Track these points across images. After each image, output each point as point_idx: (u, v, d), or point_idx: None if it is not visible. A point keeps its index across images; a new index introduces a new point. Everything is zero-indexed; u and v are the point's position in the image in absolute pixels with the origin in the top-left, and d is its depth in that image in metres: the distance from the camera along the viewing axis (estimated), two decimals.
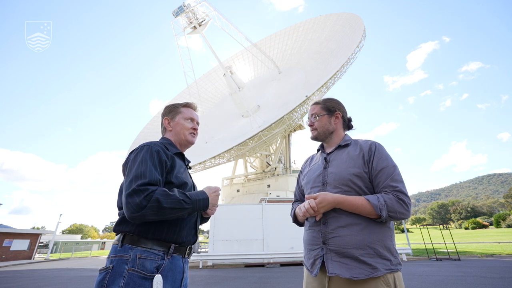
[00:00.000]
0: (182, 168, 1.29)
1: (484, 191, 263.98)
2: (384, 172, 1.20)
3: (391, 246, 1.15)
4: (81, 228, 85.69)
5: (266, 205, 14.17)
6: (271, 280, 7.43)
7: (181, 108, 1.46)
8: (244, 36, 22.39)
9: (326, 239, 1.17)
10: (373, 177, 1.22)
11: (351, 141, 1.39)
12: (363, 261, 1.08)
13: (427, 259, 13.70)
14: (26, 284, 8.16)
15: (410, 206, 1.14)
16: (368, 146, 1.29)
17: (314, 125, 1.45)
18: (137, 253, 1.04)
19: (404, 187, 1.17)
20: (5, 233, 22.63)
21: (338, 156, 1.34)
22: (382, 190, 1.18)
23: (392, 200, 1.12)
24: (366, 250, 1.10)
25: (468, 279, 6.61)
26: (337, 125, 1.44)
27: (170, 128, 1.42)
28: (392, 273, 1.10)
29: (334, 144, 1.42)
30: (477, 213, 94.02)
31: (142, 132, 27.16)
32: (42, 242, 36.30)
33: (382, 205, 1.11)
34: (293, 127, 23.73)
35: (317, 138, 1.47)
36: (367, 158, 1.25)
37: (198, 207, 1.15)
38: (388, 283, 1.07)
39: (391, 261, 1.11)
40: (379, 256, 1.10)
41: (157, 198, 1.01)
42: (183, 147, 1.45)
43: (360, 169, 1.23)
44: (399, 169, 1.23)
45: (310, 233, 1.27)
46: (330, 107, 1.45)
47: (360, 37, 17.75)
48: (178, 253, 1.15)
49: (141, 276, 1.00)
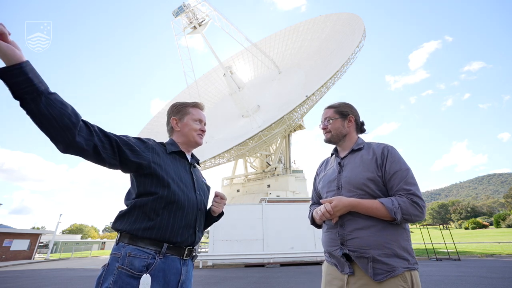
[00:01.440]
0: (177, 163, 1.28)
1: (484, 191, 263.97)
2: (398, 175, 1.22)
3: (407, 246, 1.18)
4: (81, 228, 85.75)
5: (266, 205, 14.17)
6: (271, 280, 7.43)
7: (189, 109, 1.44)
8: (244, 36, 22.41)
9: (344, 241, 1.21)
10: (387, 181, 1.24)
11: (364, 144, 1.41)
12: (381, 261, 1.11)
13: (427, 259, 13.71)
14: (26, 284, 8.16)
15: (424, 208, 1.16)
16: (381, 150, 1.31)
17: (328, 128, 1.48)
18: (127, 251, 1.03)
19: (418, 189, 1.19)
20: (5, 233, 22.63)
21: (352, 160, 1.37)
22: (396, 193, 1.20)
23: (406, 203, 1.14)
24: (384, 250, 1.13)
25: (468, 279, 6.61)
26: (350, 128, 1.47)
27: (178, 129, 1.40)
28: (410, 271, 1.12)
29: (347, 148, 1.45)
30: (477, 213, 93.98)
31: (142, 132, 27.17)
32: (42, 242, 36.30)
33: (396, 208, 1.13)
34: (293, 127, 23.74)
35: (331, 141, 1.50)
36: (380, 162, 1.27)
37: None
38: (406, 280, 1.10)
39: (408, 261, 1.14)
40: (396, 255, 1.13)
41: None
42: (190, 148, 1.45)
43: (374, 173, 1.25)
44: (412, 172, 1.25)
45: (328, 235, 1.31)
46: (343, 111, 1.48)
47: (360, 37, 17.77)
48: (174, 254, 1.12)
49: (128, 274, 0.98)
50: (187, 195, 1.21)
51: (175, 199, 1.15)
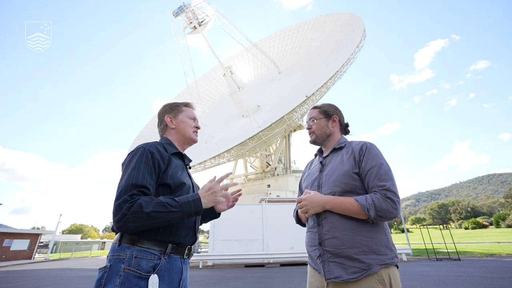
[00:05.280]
0: (179, 168, 1.28)
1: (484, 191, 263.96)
2: (373, 171, 1.20)
3: (385, 240, 1.17)
4: (81, 228, 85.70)
5: (266, 205, 14.17)
6: (271, 280, 7.43)
7: (183, 107, 1.46)
8: (244, 36, 22.41)
9: (322, 240, 1.21)
10: (363, 178, 1.23)
11: (346, 143, 1.42)
12: (357, 259, 1.10)
13: (427, 259, 13.71)
14: (26, 284, 8.16)
15: (398, 204, 1.13)
16: (359, 147, 1.31)
17: (312, 128, 1.50)
18: (133, 252, 1.04)
19: (393, 185, 1.16)
20: (5, 233, 22.61)
21: (333, 159, 1.38)
22: (371, 190, 1.18)
23: (379, 199, 1.12)
24: (360, 248, 1.12)
25: (468, 279, 6.61)
26: (334, 128, 1.49)
27: (173, 126, 1.40)
28: (387, 268, 1.11)
29: (330, 147, 1.46)
30: (477, 213, 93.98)
31: (142, 132, 27.15)
32: (42, 242, 36.30)
33: (370, 205, 1.12)
34: (293, 127, 23.75)
35: (316, 142, 1.51)
36: (357, 158, 1.27)
37: (189, 209, 1.08)
38: (383, 282, 1.08)
39: (386, 255, 1.13)
40: (374, 252, 1.12)
41: (139, 203, 1.00)
42: (185, 146, 1.44)
43: (352, 171, 1.24)
44: (388, 167, 1.23)
45: (309, 235, 1.31)
46: (327, 110, 1.50)
47: (360, 37, 17.78)
48: (176, 253, 1.14)
49: (136, 275, 1.00)
50: None
51: None
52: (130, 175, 1.08)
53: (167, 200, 1.05)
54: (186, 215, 1.08)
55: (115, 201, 1.03)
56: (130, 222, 0.98)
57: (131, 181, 1.06)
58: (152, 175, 1.12)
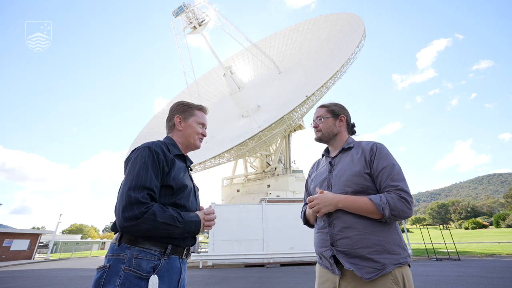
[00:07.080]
0: (182, 170, 1.28)
1: (484, 191, 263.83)
2: (385, 171, 1.21)
3: (398, 240, 1.17)
4: (81, 228, 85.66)
5: (266, 205, 14.16)
6: (271, 280, 7.43)
7: (195, 111, 1.45)
8: (244, 36, 22.42)
9: (334, 241, 1.20)
10: (375, 177, 1.23)
11: (354, 143, 1.42)
12: (371, 259, 1.10)
13: (427, 259, 13.71)
14: (26, 284, 8.16)
15: (412, 204, 1.15)
16: (370, 147, 1.31)
17: (319, 126, 1.49)
18: (133, 252, 1.04)
19: (406, 185, 1.18)
20: (5, 233, 22.61)
21: (342, 159, 1.37)
22: (384, 190, 1.19)
23: (394, 199, 1.13)
24: (374, 248, 1.12)
25: (468, 279, 6.61)
26: (341, 128, 1.48)
27: (180, 128, 1.40)
28: (401, 268, 1.11)
29: (338, 147, 1.45)
30: (477, 213, 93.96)
31: (142, 132, 27.18)
32: (42, 242, 36.27)
33: (384, 204, 1.12)
34: (293, 127, 23.76)
35: (321, 140, 1.50)
36: (368, 159, 1.27)
37: (190, 228, 1.14)
38: (397, 281, 1.08)
39: (400, 254, 1.13)
40: (387, 251, 1.12)
41: (153, 211, 1.03)
42: (188, 150, 1.44)
43: (363, 171, 1.24)
44: (400, 168, 1.24)
45: (319, 236, 1.30)
46: (335, 110, 1.49)
47: (360, 37, 17.79)
48: (175, 254, 1.15)
49: (137, 276, 1.00)
50: (190, 200, 1.25)
51: (182, 203, 1.19)
52: (139, 175, 1.08)
53: (176, 215, 1.09)
54: (186, 232, 1.13)
55: (125, 198, 1.03)
56: (141, 225, 1.01)
57: (140, 182, 1.07)
58: (158, 177, 1.13)
